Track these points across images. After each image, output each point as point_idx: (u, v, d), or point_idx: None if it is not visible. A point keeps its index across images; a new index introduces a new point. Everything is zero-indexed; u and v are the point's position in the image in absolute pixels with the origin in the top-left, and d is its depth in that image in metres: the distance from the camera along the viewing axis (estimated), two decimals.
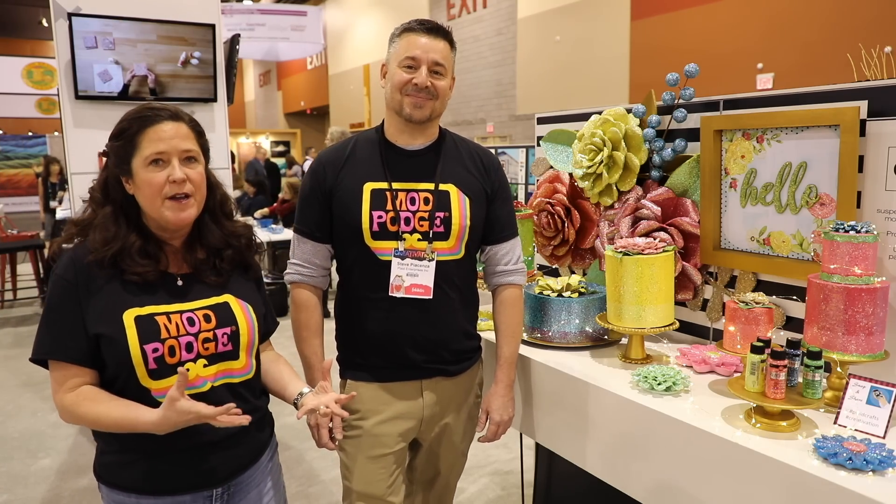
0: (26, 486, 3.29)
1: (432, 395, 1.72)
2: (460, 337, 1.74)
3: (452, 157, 1.71)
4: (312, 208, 1.69)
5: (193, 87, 3.54)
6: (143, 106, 1.33)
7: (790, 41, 6.85)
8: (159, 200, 1.28)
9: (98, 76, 3.33)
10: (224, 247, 1.41)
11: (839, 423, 1.33)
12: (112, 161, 1.32)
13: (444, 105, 1.68)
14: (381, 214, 1.62)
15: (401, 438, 1.71)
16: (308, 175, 1.72)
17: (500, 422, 1.75)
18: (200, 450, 1.33)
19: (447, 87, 1.66)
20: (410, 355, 1.67)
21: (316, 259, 1.72)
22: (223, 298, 1.38)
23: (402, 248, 1.62)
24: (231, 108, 3.77)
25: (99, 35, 3.30)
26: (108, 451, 1.34)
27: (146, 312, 1.27)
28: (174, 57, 3.47)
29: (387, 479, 1.70)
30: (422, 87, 1.61)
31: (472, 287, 1.79)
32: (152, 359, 1.25)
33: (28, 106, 13.68)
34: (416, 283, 1.63)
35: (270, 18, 12.51)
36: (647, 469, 1.50)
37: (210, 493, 1.36)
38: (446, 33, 1.65)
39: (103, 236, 1.29)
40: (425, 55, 1.61)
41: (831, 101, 1.54)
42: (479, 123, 12.18)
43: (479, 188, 1.70)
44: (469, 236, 1.68)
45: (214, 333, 1.33)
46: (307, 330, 1.73)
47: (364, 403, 1.69)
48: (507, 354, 1.75)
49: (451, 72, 1.67)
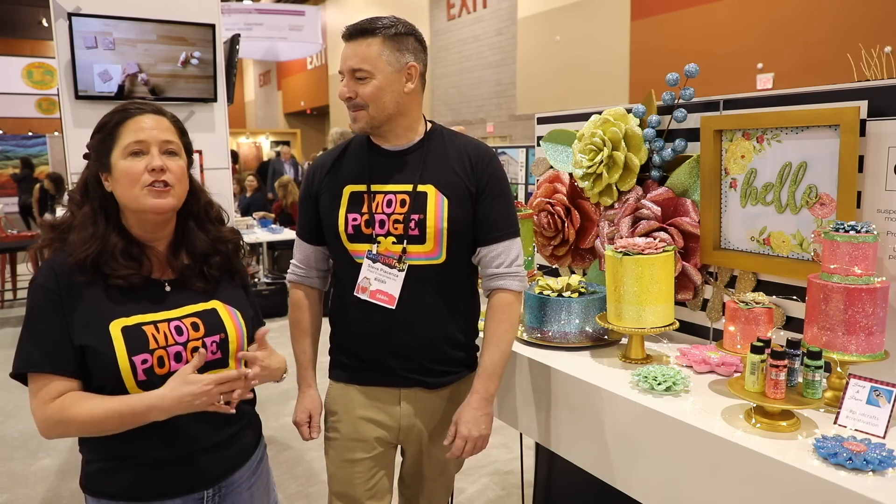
0: (26, 486, 3.29)
1: (410, 406, 1.68)
2: (442, 345, 1.67)
3: (437, 156, 1.64)
4: (306, 212, 1.72)
5: (193, 87, 3.53)
6: (125, 101, 1.32)
7: (790, 41, 6.85)
8: (137, 188, 1.25)
9: (98, 76, 3.33)
10: (211, 253, 1.38)
11: (839, 423, 1.32)
12: (92, 157, 1.31)
13: (382, 110, 1.56)
14: (355, 217, 1.61)
15: (377, 443, 1.69)
16: (303, 179, 1.75)
17: (468, 436, 1.58)
18: (191, 454, 1.32)
19: (377, 91, 1.53)
20: (387, 361, 1.65)
21: (309, 261, 1.75)
22: (211, 305, 1.36)
23: (374, 251, 1.60)
24: (231, 108, 3.77)
25: (99, 35, 3.30)
26: (93, 459, 1.31)
27: (133, 322, 1.24)
28: (174, 57, 3.47)
29: (364, 483, 1.69)
30: (344, 99, 1.57)
31: (465, 294, 1.72)
32: (141, 370, 1.23)
33: (28, 106, 13.68)
34: (382, 289, 1.60)
35: (268, 18, 12.48)
36: (646, 469, 1.50)
37: (201, 495, 1.34)
38: (369, 31, 1.53)
39: (82, 236, 1.26)
40: (344, 64, 1.55)
41: (831, 101, 1.54)
42: (479, 123, 12.18)
43: (461, 187, 1.60)
44: (450, 239, 1.60)
45: (203, 342, 1.30)
46: (298, 329, 1.76)
47: (341, 405, 1.70)
48: (486, 364, 1.61)
49: (381, 70, 1.53)
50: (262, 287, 6.53)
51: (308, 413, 1.72)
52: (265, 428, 1.55)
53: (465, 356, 1.75)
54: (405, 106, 1.60)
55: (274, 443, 3.67)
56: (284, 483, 3.26)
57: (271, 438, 3.71)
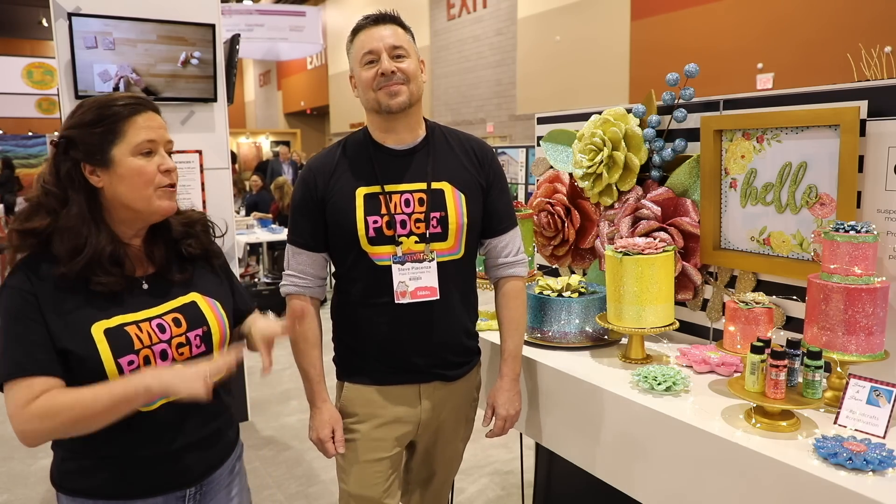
0: (26, 486, 3.29)
1: (429, 400, 1.70)
2: (463, 336, 1.72)
3: (444, 152, 1.66)
4: (305, 218, 1.64)
5: (193, 87, 3.53)
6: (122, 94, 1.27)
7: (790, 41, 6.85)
8: (149, 190, 1.24)
9: (98, 76, 3.33)
10: (184, 237, 1.37)
11: (839, 423, 1.32)
12: (81, 149, 1.21)
13: (419, 88, 1.61)
14: (376, 219, 1.58)
15: (397, 443, 1.70)
16: (298, 184, 1.67)
17: (507, 416, 1.72)
18: (174, 452, 1.29)
19: (416, 69, 1.59)
20: (414, 360, 1.65)
21: (312, 269, 1.68)
22: (190, 298, 1.33)
23: (399, 253, 1.58)
24: (231, 108, 3.77)
25: (99, 35, 3.30)
26: (69, 458, 1.27)
27: (115, 324, 1.21)
28: (174, 57, 3.47)
29: (383, 483, 1.69)
30: (389, 73, 1.56)
31: (473, 285, 1.77)
32: (128, 371, 1.20)
33: (28, 106, 13.67)
34: (421, 285, 1.60)
35: (269, 19, 12.50)
36: (647, 469, 1.50)
37: (183, 494, 1.32)
38: (394, 18, 1.60)
39: (73, 245, 1.19)
40: (381, 43, 1.56)
41: (831, 101, 1.54)
42: (479, 123, 12.19)
43: (474, 183, 1.65)
44: (468, 234, 1.64)
45: (187, 337, 1.29)
46: (305, 342, 1.67)
47: (362, 407, 1.68)
48: (511, 348, 1.72)
49: (414, 54, 1.60)
50: (261, 287, 6.54)
51: (331, 428, 1.67)
52: (265, 428, 1.55)
53: (475, 344, 1.81)
54: (422, 95, 1.66)
55: (274, 443, 3.67)
56: (284, 483, 3.26)
57: (271, 438, 3.70)
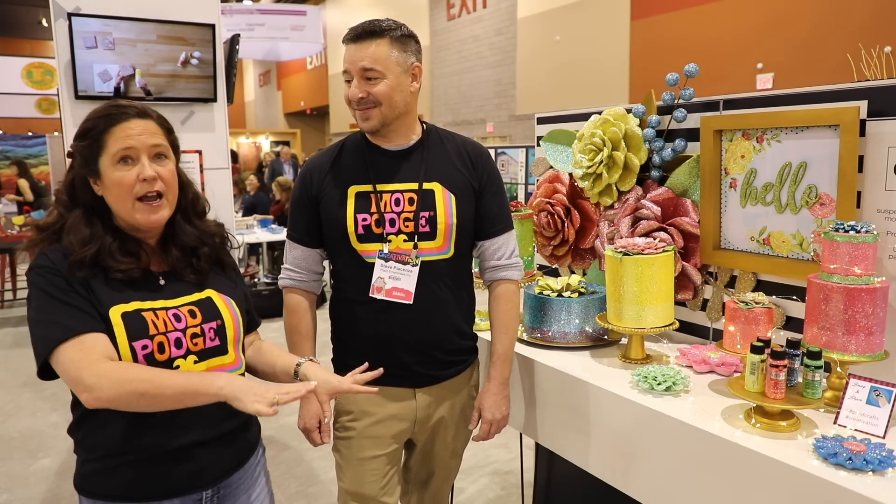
0: (26, 486, 3.29)
1: (426, 396, 1.71)
2: (454, 336, 1.73)
3: (438, 154, 1.69)
4: (302, 214, 1.71)
5: (193, 87, 3.53)
6: (108, 104, 1.29)
7: (790, 41, 6.85)
8: (130, 201, 1.25)
9: (98, 76, 3.33)
10: (199, 245, 1.38)
11: (839, 423, 1.32)
12: (78, 162, 1.28)
13: (393, 109, 1.59)
14: (365, 217, 1.62)
15: (394, 440, 1.71)
16: (297, 181, 1.74)
17: (492, 420, 1.73)
18: (189, 451, 1.30)
19: (389, 90, 1.57)
20: (402, 358, 1.66)
21: (307, 264, 1.74)
22: (205, 294, 1.36)
23: (386, 250, 1.62)
24: (231, 108, 3.77)
25: (99, 35, 3.30)
26: (90, 459, 1.30)
27: (132, 308, 1.24)
28: (174, 57, 3.46)
29: (380, 480, 1.70)
30: (357, 99, 1.58)
31: (467, 285, 1.78)
32: (142, 356, 1.23)
33: (28, 106, 13.66)
34: (398, 286, 1.62)
35: (270, 18, 12.50)
36: (646, 469, 1.50)
37: (199, 496, 1.33)
38: (377, 32, 1.56)
39: (80, 238, 1.24)
40: (353, 66, 1.57)
41: (831, 101, 1.54)
42: (479, 123, 12.18)
43: (465, 184, 1.68)
44: (457, 234, 1.66)
45: (202, 328, 1.31)
46: (298, 334, 1.74)
47: (357, 405, 1.69)
48: (500, 351, 1.73)
49: (392, 71, 1.56)
50: (261, 287, 6.53)
51: (318, 418, 1.70)
52: (265, 428, 1.55)
53: (471, 344, 1.81)
54: (411, 105, 1.66)
55: (274, 443, 3.67)
56: (284, 483, 3.26)
57: (271, 438, 3.71)
